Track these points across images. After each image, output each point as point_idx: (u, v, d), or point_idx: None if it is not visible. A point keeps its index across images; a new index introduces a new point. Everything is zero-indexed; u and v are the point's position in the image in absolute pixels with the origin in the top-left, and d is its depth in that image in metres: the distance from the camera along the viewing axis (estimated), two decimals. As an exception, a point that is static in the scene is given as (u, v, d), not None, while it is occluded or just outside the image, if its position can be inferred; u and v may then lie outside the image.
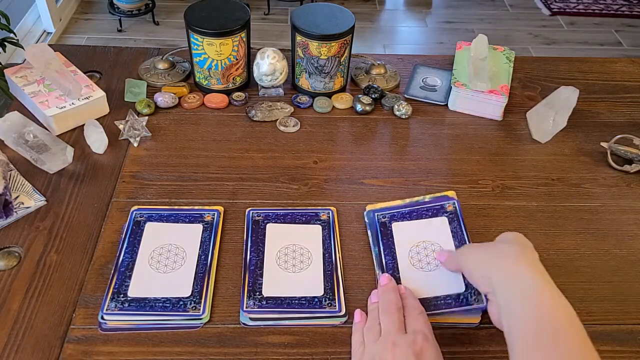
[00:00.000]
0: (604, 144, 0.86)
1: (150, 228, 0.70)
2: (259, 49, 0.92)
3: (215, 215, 0.72)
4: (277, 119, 0.89)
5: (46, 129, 0.83)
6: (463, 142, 0.88)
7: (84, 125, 0.84)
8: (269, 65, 0.89)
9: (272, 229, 0.71)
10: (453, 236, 0.68)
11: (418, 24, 2.90)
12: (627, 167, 0.83)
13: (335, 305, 0.63)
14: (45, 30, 2.60)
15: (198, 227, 0.71)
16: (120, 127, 0.85)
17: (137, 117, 0.86)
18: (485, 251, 0.58)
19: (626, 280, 0.69)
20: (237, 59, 0.90)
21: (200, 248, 0.68)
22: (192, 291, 0.64)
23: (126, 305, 0.62)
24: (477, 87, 0.90)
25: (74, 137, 0.84)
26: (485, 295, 0.59)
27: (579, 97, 0.90)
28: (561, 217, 0.76)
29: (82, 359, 0.58)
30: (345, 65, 0.92)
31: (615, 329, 0.64)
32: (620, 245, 0.73)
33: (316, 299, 0.63)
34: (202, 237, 0.69)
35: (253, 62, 0.92)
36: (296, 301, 0.63)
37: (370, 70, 0.98)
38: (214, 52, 0.88)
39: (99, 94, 0.87)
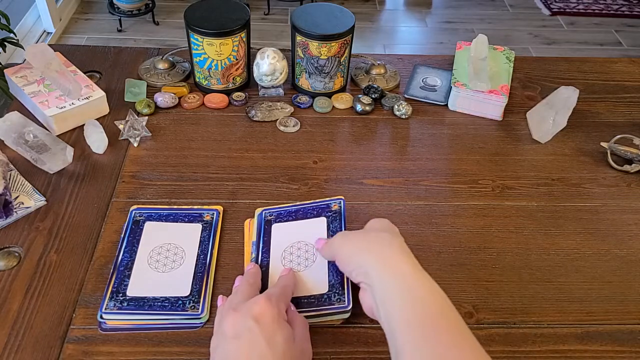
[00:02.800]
0: (604, 144, 0.86)
1: (149, 227, 0.70)
2: (259, 49, 0.92)
3: (215, 214, 0.72)
4: (277, 119, 0.89)
5: (46, 129, 0.83)
6: (463, 142, 0.88)
7: (84, 125, 0.84)
8: (269, 65, 0.89)
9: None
10: (329, 236, 0.68)
11: (418, 24, 2.90)
12: (627, 167, 0.83)
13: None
14: (45, 30, 2.60)
15: (197, 227, 0.71)
16: (120, 127, 0.85)
17: (137, 117, 0.86)
18: (359, 240, 0.58)
19: (626, 280, 0.69)
20: (237, 59, 0.90)
21: (199, 247, 0.68)
22: (191, 290, 0.64)
23: (125, 304, 0.62)
24: (477, 87, 0.90)
25: (74, 137, 0.84)
26: (358, 285, 0.58)
27: (579, 97, 0.90)
28: (561, 217, 0.77)
29: (82, 359, 0.58)
30: (345, 65, 0.92)
31: (616, 328, 0.64)
32: (620, 245, 0.73)
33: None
34: (201, 237, 0.70)
35: (253, 62, 0.92)
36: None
37: (370, 70, 0.98)
38: (214, 52, 0.88)
39: (99, 94, 0.87)
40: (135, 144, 0.84)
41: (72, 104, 0.84)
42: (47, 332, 0.60)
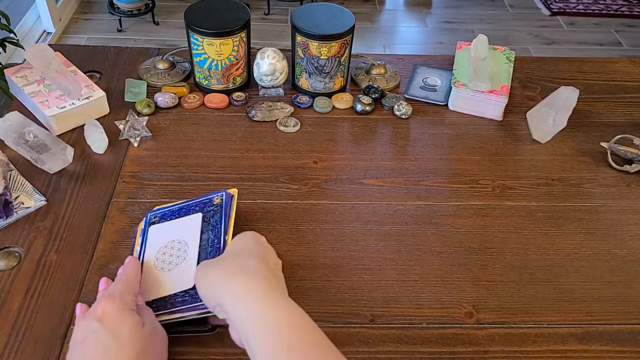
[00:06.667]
0: (604, 144, 0.86)
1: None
2: (259, 49, 0.92)
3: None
4: (277, 119, 0.89)
5: (46, 129, 0.83)
6: (463, 142, 0.88)
7: (84, 125, 0.84)
8: (269, 65, 0.89)
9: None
10: (207, 231, 0.66)
11: (418, 24, 2.90)
12: (627, 167, 0.83)
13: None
14: (45, 30, 2.60)
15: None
16: (121, 127, 0.85)
17: (137, 117, 0.86)
18: (212, 273, 0.55)
19: (626, 280, 0.69)
20: (237, 59, 0.90)
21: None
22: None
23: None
24: (477, 87, 0.90)
25: (74, 137, 0.84)
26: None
27: (579, 97, 0.90)
28: (561, 217, 0.77)
29: (82, 359, 0.58)
30: (345, 65, 0.92)
31: (616, 329, 0.64)
32: (620, 246, 0.73)
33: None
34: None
35: (253, 62, 0.92)
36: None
37: (370, 70, 0.98)
38: (214, 52, 0.88)
39: (99, 94, 0.87)
40: (136, 144, 0.84)
41: (72, 103, 0.84)
42: (48, 332, 0.60)
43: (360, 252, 0.70)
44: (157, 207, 0.72)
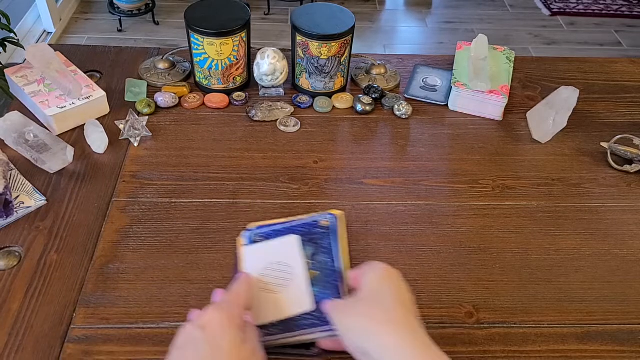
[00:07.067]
0: (604, 144, 0.86)
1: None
2: (259, 49, 0.92)
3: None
4: (278, 119, 0.89)
5: (46, 128, 0.83)
6: (463, 142, 0.88)
7: (84, 125, 0.84)
8: (269, 65, 0.89)
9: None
10: (321, 253, 0.62)
11: (418, 24, 2.90)
12: (627, 167, 0.83)
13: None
14: (45, 30, 2.60)
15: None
16: (121, 126, 0.85)
17: (137, 117, 0.86)
18: (356, 318, 0.54)
19: (626, 280, 0.69)
20: (237, 59, 0.90)
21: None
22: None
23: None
24: (477, 87, 0.90)
25: (75, 136, 0.84)
26: None
27: (579, 97, 0.90)
28: (561, 217, 0.77)
29: (82, 359, 0.58)
30: (346, 65, 0.92)
31: (616, 329, 0.64)
32: (620, 246, 0.73)
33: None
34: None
35: (253, 62, 0.92)
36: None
37: (371, 70, 0.98)
38: (215, 52, 0.88)
39: (100, 93, 0.87)
40: (136, 144, 0.84)
41: (73, 103, 0.84)
42: (48, 331, 0.60)
43: (361, 252, 0.70)
44: (257, 225, 0.66)
